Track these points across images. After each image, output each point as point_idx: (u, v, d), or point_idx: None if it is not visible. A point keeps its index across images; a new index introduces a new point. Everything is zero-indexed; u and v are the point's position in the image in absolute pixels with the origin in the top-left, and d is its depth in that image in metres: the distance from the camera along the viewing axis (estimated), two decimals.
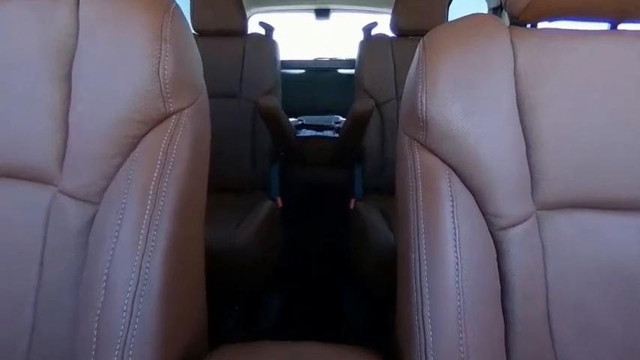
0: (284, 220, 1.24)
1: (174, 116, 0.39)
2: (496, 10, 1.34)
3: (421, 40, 0.43)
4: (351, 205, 1.23)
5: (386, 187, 1.22)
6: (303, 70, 1.81)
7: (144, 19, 0.38)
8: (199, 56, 0.44)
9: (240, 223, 0.97)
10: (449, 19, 1.42)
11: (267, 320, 1.16)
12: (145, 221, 0.35)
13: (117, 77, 0.37)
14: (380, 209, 1.09)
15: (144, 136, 0.39)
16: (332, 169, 1.43)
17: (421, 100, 0.40)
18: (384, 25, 1.41)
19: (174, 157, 0.38)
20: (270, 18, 1.57)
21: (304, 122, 1.50)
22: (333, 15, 1.84)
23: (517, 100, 0.42)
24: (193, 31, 1.23)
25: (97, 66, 0.38)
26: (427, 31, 0.44)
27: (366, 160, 1.28)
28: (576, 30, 0.44)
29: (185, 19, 0.42)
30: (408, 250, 0.40)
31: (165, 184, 0.37)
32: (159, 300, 0.35)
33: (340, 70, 1.80)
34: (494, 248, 0.40)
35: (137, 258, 0.35)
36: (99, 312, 0.34)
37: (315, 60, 1.84)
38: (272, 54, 1.28)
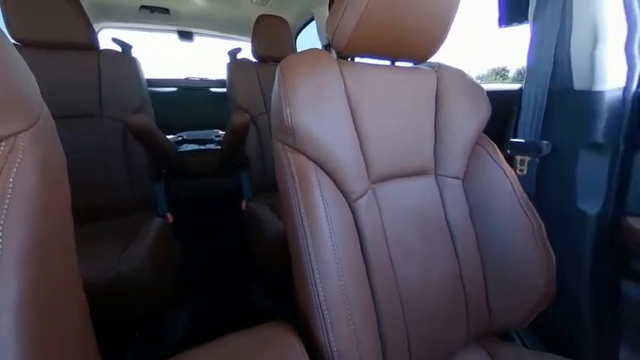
0: (178, 235, 1.19)
1: (3, 142, 0.30)
2: (327, 47, 1.63)
3: (279, 66, 0.49)
4: (244, 206, 1.30)
5: (270, 185, 1.35)
6: (174, 89, 1.81)
7: None
8: (28, 70, 0.36)
9: (126, 248, 0.87)
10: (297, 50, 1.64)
11: (175, 335, 1.10)
12: None
13: None
14: (268, 204, 1.19)
15: None
16: (218, 178, 1.46)
17: (286, 113, 0.46)
18: (246, 50, 1.56)
19: (10, 193, 0.29)
20: (128, 36, 1.53)
21: (185, 137, 1.50)
22: (196, 38, 1.90)
23: (350, 110, 0.52)
24: (13, 41, 1.01)
25: None
26: (281, 58, 0.50)
27: (250, 165, 1.38)
28: (375, 64, 0.58)
29: None
30: (295, 229, 0.47)
31: (1, 227, 0.28)
32: None
33: (212, 89, 1.87)
34: (351, 215, 0.50)
35: None
36: None
37: (187, 79, 1.87)
38: (133, 71, 1.22)
